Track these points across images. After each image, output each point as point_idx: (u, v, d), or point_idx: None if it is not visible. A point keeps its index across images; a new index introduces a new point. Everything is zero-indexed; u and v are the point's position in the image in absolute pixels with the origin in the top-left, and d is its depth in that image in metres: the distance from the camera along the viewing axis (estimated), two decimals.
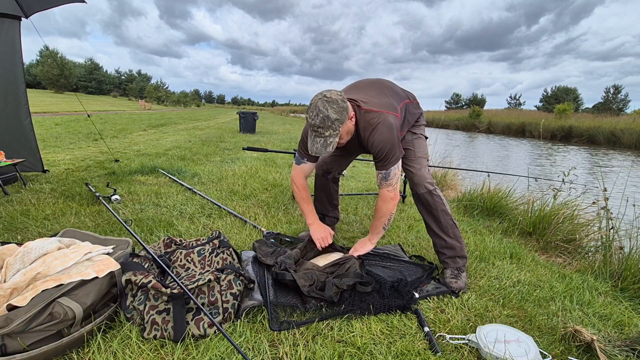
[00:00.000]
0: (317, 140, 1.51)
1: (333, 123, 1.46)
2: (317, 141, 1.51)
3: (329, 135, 1.49)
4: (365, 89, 1.71)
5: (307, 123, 1.53)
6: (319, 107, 1.46)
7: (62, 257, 1.30)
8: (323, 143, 1.50)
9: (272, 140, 8.39)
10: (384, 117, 1.57)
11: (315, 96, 1.51)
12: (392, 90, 1.76)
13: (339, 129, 1.49)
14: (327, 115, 1.45)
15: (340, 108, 1.47)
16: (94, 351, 1.14)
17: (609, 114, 23.02)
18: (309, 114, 1.50)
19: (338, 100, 1.47)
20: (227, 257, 1.63)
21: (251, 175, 4.03)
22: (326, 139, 1.50)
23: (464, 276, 1.72)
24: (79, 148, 5.74)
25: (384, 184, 1.66)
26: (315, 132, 1.50)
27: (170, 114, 21.97)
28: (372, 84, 1.78)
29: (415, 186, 1.78)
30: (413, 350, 1.23)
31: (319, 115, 1.45)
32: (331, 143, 1.50)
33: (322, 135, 1.49)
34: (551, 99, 52.05)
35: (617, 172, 7.52)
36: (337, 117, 1.46)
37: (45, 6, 3.19)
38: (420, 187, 1.75)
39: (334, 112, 1.45)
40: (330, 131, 1.48)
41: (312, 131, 1.52)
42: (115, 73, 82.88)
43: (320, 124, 1.46)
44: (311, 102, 1.52)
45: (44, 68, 48.12)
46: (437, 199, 1.75)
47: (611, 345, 1.28)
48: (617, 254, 2.09)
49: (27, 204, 2.63)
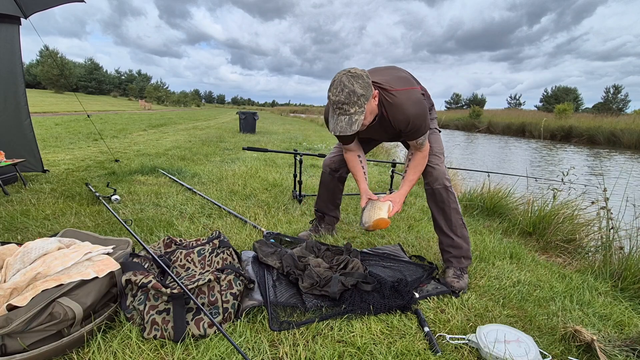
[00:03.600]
0: (342, 118, 1.43)
1: (359, 99, 1.40)
2: (342, 119, 1.43)
3: (354, 113, 1.42)
4: (383, 72, 1.68)
5: (330, 101, 1.46)
6: (344, 82, 1.40)
7: (62, 257, 1.30)
8: (348, 121, 1.43)
9: (272, 140, 8.39)
10: (409, 93, 1.56)
11: (338, 73, 1.45)
12: (408, 75, 1.76)
13: (364, 106, 1.42)
14: (353, 90, 1.39)
15: (366, 84, 1.42)
16: (94, 351, 1.14)
17: (609, 114, 23.02)
18: (332, 90, 1.43)
19: (363, 76, 1.42)
20: (227, 257, 1.63)
21: (251, 175, 4.03)
22: (351, 116, 1.42)
23: (465, 277, 1.72)
24: (79, 148, 5.74)
25: (425, 144, 1.66)
26: (339, 110, 1.43)
27: (170, 114, 21.98)
28: (387, 68, 1.77)
29: (433, 181, 1.75)
30: (413, 350, 1.23)
31: (344, 91, 1.39)
32: (357, 121, 1.43)
33: (347, 113, 1.42)
34: (551, 99, 52.07)
35: (617, 172, 7.52)
36: (363, 92, 1.40)
37: (44, 6, 3.19)
38: (437, 182, 1.74)
39: (359, 87, 1.39)
40: (356, 107, 1.41)
41: (336, 108, 1.43)
42: (115, 73, 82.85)
43: (346, 99, 1.39)
44: (334, 78, 1.45)
45: (44, 68, 48.10)
46: (451, 196, 1.74)
47: (611, 345, 1.28)
48: (617, 254, 2.09)
49: (27, 204, 2.63)
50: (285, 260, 1.68)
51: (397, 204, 1.68)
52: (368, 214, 1.63)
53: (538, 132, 18.91)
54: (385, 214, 1.61)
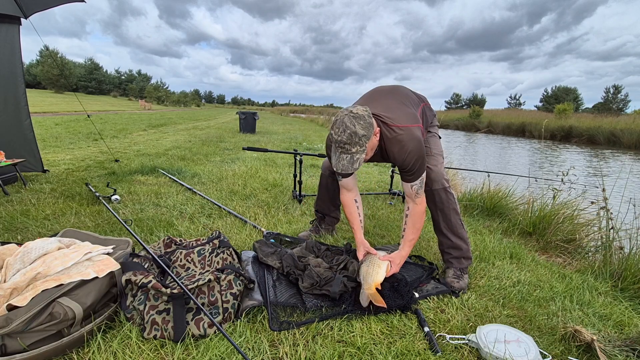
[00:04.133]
0: (343, 157, 1.47)
1: (360, 139, 1.43)
2: (344, 157, 1.47)
3: (356, 152, 1.46)
4: (385, 100, 1.68)
5: (332, 139, 1.49)
6: (345, 124, 1.42)
7: (62, 257, 1.30)
8: (350, 160, 1.46)
9: (272, 140, 8.39)
10: (410, 132, 1.56)
11: (341, 112, 1.48)
12: (409, 98, 1.74)
13: (365, 145, 1.46)
14: (355, 132, 1.41)
15: (367, 124, 1.44)
16: (94, 351, 1.14)
17: (609, 114, 23.02)
18: (334, 129, 1.46)
19: (365, 116, 1.44)
20: (227, 257, 1.63)
21: (251, 175, 4.03)
22: (353, 155, 1.46)
23: (465, 277, 1.73)
24: (79, 148, 5.74)
25: (421, 192, 1.63)
26: (341, 149, 1.46)
27: (170, 114, 21.98)
28: (390, 93, 1.75)
29: (431, 182, 1.76)
30: (413, 350, 1.23)
31: (346, 132, 1.42)
32: (358, 159, 1.46)
33: (349, 152, 1.46)
34: (551, 99, 52.07)
35: (617, 172, 7.52)
36: (365, 133, 1.43)
37: (44, 6, 3.19)
38: (436, 183, 1.74)
39: (361, 128, 1.42)
40: (357, 147, 1.44)
41: (338, 147, 1.47)
42: (115, 73, 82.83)
43: (348, 140, 1.42)
44: (336, 118, 1.48)
45: (44, 68, 48.10)
46: (450, 197, 1.75)
47: (611, 345, 1.28)
48: (617, 254, 2.09)
49: (27, 204, 2.63)
50: (285, 260, 1.69)
51: (396, 265, 1.62)
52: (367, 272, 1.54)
53: (538, 132, 18.90)
54: (384, 275, 1.55)
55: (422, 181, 1.63)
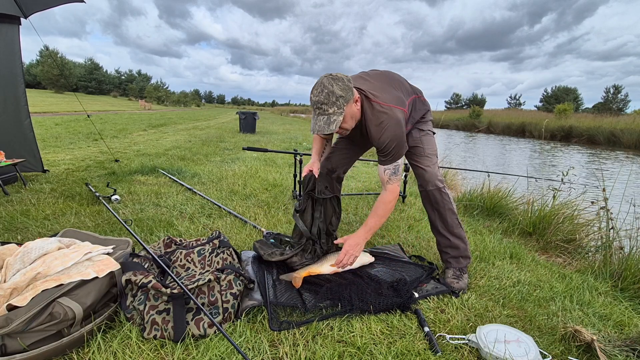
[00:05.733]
0: (321, 118, 1.47)
1: (338, 100, 1.42)
2: (320, 119, 1.47)
3: (333, 113, 1.45)
4: (374, 80, 1.67)
5: (311, 102, 1.49)
6: (324, 84, 1.44)
7: (62, 257, 1.30)
8: (326, 120, 1.46)
9: (272, 140, 8.39)
10: (392, 112, 1.54)
11: (321, 76, 1.49)
12: (401, 84, 1.72)
13: (343, 107, 1.45)
14: (332, 91, 1.42)
15: (346, 87, 1.44)
16: (94, 351, 1.14)
17: (609, 114, 23.02)
18: (313, 92, 1.47)
19: (344, 79, 1.45)
20: (227, 257, 1.63)
21: (251, 175, 4.03)
22: (330, 116, 1.45)
23: (465, 277, 1.72)
24: (79, 148, 5.74)
25: (393, 178, 1.61)
26: (319, 109, 1.46)
27: (170, 114, 21.98)
28: (380, 75, 1.74)
29: (425, 183, 1.75)
30: (413, 350, 1.23)
31: (324, 92, 1.42)
32: (335, 121, 1.45)
33: (326, 113, 1.45)
34: (551, 99, 52.06)
35: (617, 172, 7.52)
36: (342, 94, 1.43)
37: (44, 6, 3.19)
38: (430, 184, 1.73)
39: (339, 89, 1.42)
40: (334, 108, 1.44)
41: (316, 108, 1.47)
42: (115, 73, 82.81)
43: (325, 99, 1.43)
44: (316, 82, 1.49)
45: (44, 68, 48.09)
46: (445, 197, 1.74)
47: (611, 345, 1.28)
48: (617, 254, 2.09)
49: (27, 204, 2.63)
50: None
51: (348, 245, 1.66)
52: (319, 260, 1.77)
53: (538, 132, 18.90)
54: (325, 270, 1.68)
55: (397, 168, 1.60)
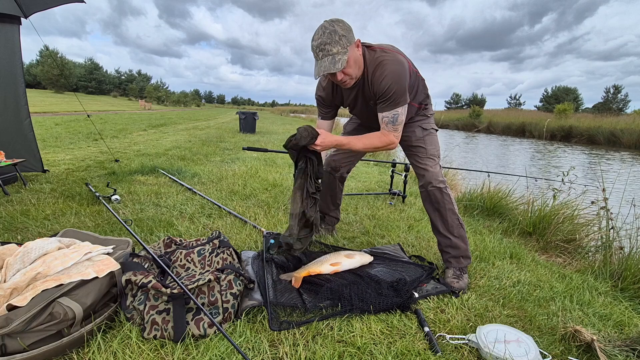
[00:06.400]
0: (325, 59, 1.41)
1: (341, 38, 1.39)
2: (325, 60, 1.41)
3: (337, 52, 1.40)
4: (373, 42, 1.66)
5: (312, 49, 1.44)
6: (325, 26, 1.42)
7: (62, 257, 1.30)
8: (331, 60, 1.40)
9: (272, 140, 8.39)
10: (393, 56, 1.51)
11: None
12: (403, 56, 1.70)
13: (347, 47, 1.41)
14: (334, 30, 1.39)
15: (347, 27, 1.42)
16: (94, 351, 1.14)
17: (609, 114, 23.02)
18: (314, 37, 1.43)
19: (344, 21, 1.44)
20: (227, 257, 1.63)
21: (251, 175, 4.03)
22: (334, 56, 1.40)
23: (465, 277, 1.72)
24: (79, 148, 5.73)
25: (390, 127, 1.54)
26: (322, 52, 1.41)
27: (170, 114, 21.98)
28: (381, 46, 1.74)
29: (426, 183, 1.75)
30: (413, 350, 1.23)
31: (326, 32, 1.39)
32: (340, 60, 1.40)
33: (330, 53, 1.40)
34: (551, 99, 52.09)
35: (617, 172, 7.52)
36: (344, 33, 1.40)
37: (44, 6, 3.19)
38: (431, 184, 1.73)
39: (341, 29, 1.40)
40: (338, 47, 1.39)
41: (319, 51, 1.41)
42: (115, 73, 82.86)
43: (328, 39, 1.39)
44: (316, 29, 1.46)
45: (44, 68, 48.13)
46: (446, 197, 1.73)
47: (611, 345, 1.28)
48: (617, 254, 2.09)
49: (27, 204, 2.63)
50: None
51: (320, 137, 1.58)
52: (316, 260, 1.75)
53: (538, 132, 18.91)
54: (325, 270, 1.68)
55: (395, 117, 1.53)
